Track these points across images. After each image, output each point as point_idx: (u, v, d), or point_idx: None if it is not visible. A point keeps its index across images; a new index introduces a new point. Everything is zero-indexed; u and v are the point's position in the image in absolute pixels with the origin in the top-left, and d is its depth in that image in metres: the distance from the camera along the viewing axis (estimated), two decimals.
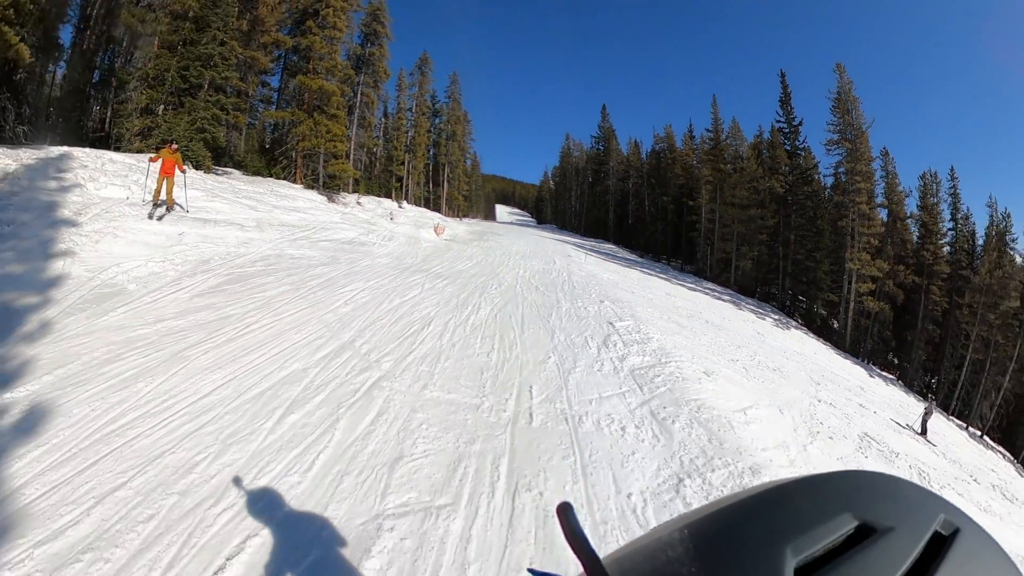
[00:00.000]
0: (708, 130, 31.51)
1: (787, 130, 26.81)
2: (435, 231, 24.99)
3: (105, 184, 9.84)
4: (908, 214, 26.76)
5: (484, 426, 4.13)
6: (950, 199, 28.55)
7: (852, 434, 8.05)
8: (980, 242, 28.45)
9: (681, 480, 3.61)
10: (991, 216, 28.28)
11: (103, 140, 15.46)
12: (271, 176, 20.06)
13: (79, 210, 8.18)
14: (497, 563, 2.60)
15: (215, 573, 2.26)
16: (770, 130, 27.88)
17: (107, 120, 16.76)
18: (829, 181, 26.09)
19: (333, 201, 21.95)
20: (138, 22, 15.76)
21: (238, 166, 18.62)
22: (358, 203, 25.86)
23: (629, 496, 3.38)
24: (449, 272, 12.10)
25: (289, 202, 16.64)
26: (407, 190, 38.28)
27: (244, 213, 12.29)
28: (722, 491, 3.51)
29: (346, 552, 2.55)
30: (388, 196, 34.98)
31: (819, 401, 9.08)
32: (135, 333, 5.13)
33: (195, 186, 12.46)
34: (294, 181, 20.81)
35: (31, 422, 3.26)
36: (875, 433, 9.03)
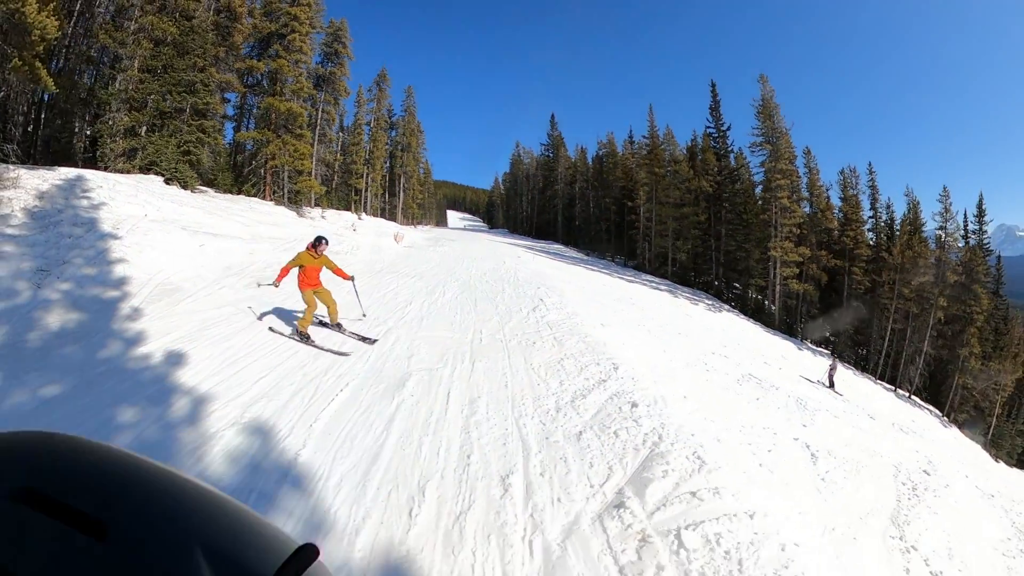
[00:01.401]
0: (645, 137, 35.93)
1: (716, 135, 31.24)
2: (395, 239, 27.88)
3: (123, 203, 12.25)
4: (827, 205, 31.47)
5: (454, 343, 7.23)
6: (869, 191, 33.51)
7: (736, 373, 11.39)
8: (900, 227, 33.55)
9: (562, 359, 6.78)
10: (908, 204, 33.49)
11: (91, 161, 16.94)
12: (242, 193, 22.45)
13: (115, 225, 10.60)
14: (465, 384, 5.66)
15: (329, 402, 5.14)
16: (703, 135, 32.35)
17: (90, 141, 18.12)
18: (759, 177, 30.47)
19: (302, 216, 24.50)
20: (118, 45, 17.21)
21: (210, 184, 20.86)
22: (322, 217, 28.43)
23: (533, 365, 6.55)
24: (415, 272, 14.89)
25: (267, 218, 19.19)
26: (366, 202, 40.91)
27: (238, 229, 14.84)
28: (595, 366, 6.59)
29: (388, 394, 5.49)
30: (348, 208, 37.54)
31: (713, 354, 12.46)
32: (209, 314, 7.81)
33: (191, 204, 15.07)
34: (263, 198, 23.28)
35: (176, 361, 5.89)
36: (762, 376, 12.41)
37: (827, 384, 17.61)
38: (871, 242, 32.50)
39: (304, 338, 6.75)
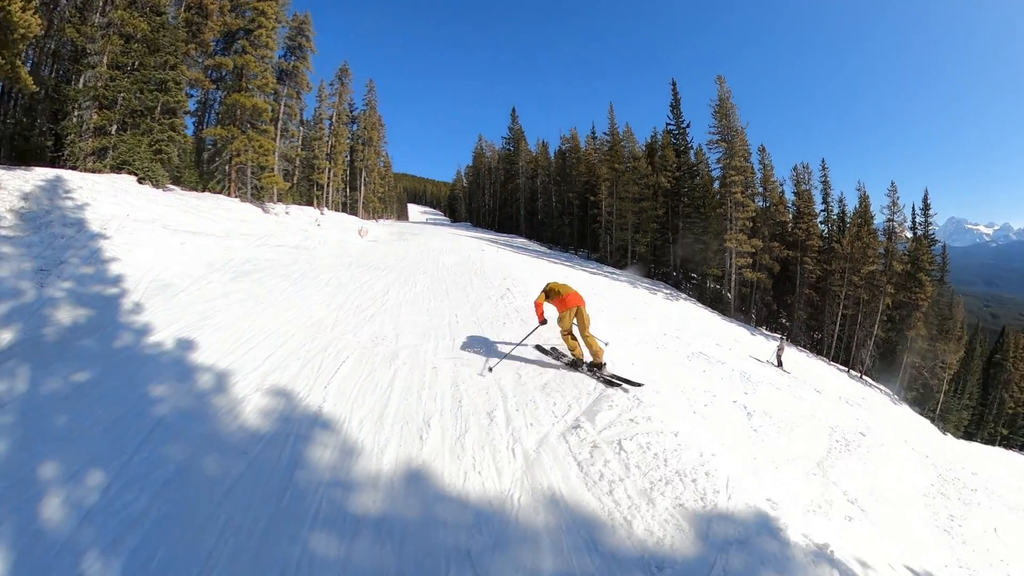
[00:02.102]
0: (606, 133, 37.74)
1: (676, 132, 33.27)
2: (360, 234, 28.70)
3: (105, 203, 12.80)
4: (780, 199, 33.91)
5: (433, 326, 8.37)
6: (822, 185, 36.18)
7: (686, 351, 12.89)
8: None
9: (526, 331, 7.98)
10: (859, 198, 36.29)
11: (57, 160, 16.66)
12: (207, 190, 22.79)
13: (103, 225, 11.24)
14: (448, 358, 6.79)
15: (336, 370, 6.22)
16: (663, 132, 34.34)
17: (54, 139, 17.34)
18: (717, 173, 32.51)
19: (267, 212, 24.94)
20: (86, 40, 17.00)
21: (176, 182, 21.16)
22: (286, 212, 28.83)
23: (504, 339, 7.76)
24: (384, 266, 15.69)
25: (235, 215, 19.72)
26: (328, 197, 41.29)
27: (212, 226, 15.47)
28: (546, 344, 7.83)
29: (385, 362, 6.59)
30: (310, 203, 37.92)
31: (666, 335, 13.97)
32: (205, 305, 8.67)
33: (165, 203, 15.65)
34: (229, 194, 23.65)
35: (187, 346, 6.74)
36: (711, 354, 13.96)
37: (776, 363, 19.42)
38: (823, 234, 35.16)
39: (577, 364, 6.54)
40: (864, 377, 33.42)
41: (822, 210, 35.65)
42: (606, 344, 6.60)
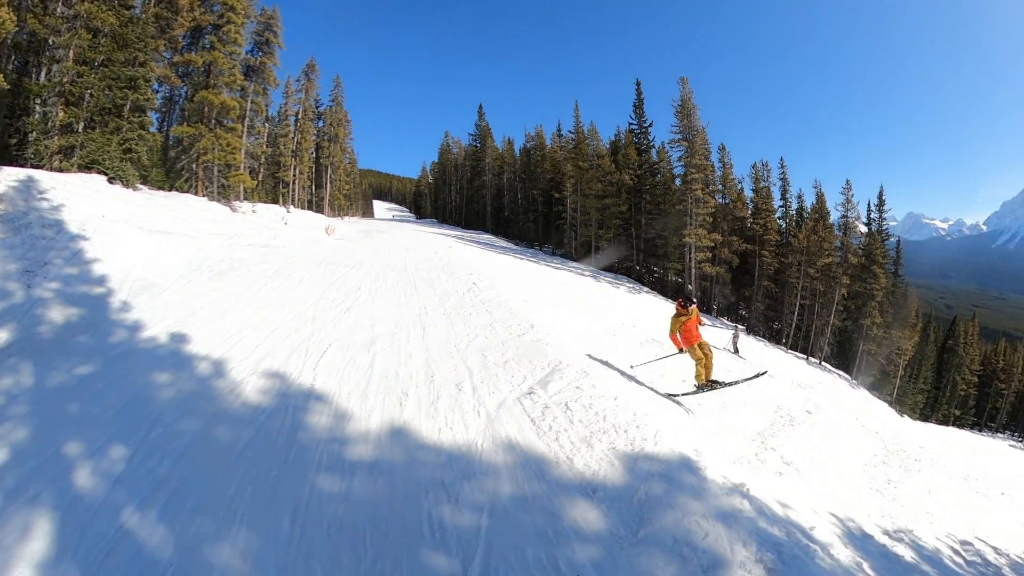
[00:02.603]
0: (571, 132, 39.06)
1: (639, 131, 34.82)
2: (327, 232, 29.14)
3: (79, 204, 13.11)
4: (738, 195, 35.80)
5: (405, 317, 9.26)
6: (780, 182, 38.25)
7: (641, 338, 14.02)
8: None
9: (492, 323, 9.00)
10: (816, 195, 38.53)
11: (19, 158, 16.12)
12: (174, 190, 22.93)
13: (81, 226, 11.64)
14: (420, 340, 7.70)
15: (321, 355, 7.05)
16: (626, 131, 35.85)
17: (13, 136, 16.74)
18: (680, 170, 34.04)
19: (235, 211, 25.18)
20: (50, 32, 16.40)
21: (143, 180, 21.18)
22: (253, 211, 29.00)
23: (473, 332, 8.66)
24: (354, 263, 16.41)
25: (205, 214, 20.08)
26: (293, 194, 41.27)
27: (184, 226, 15.91)
28: (517, 325, 8.82)
29: (364, 347, 7.45)
30: (275, 201, 37.88)
31: (623, 324, 15.14)
32: (190, 303, 9.27)
33: (137, 203, 16.02)
34: (196, 193, 23.84)
35: (181, 339, 7.37)
36: (665, 340, 15.11)
37: (732, 350, 20.81)
38: (781, 228, 37.19)
39: (714, 385, 7.66)
40: (823, 364, 35.54)
41: (780, 206, 37.78)
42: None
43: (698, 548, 3.59)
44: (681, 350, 7.81)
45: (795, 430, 11.18)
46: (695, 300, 7.91)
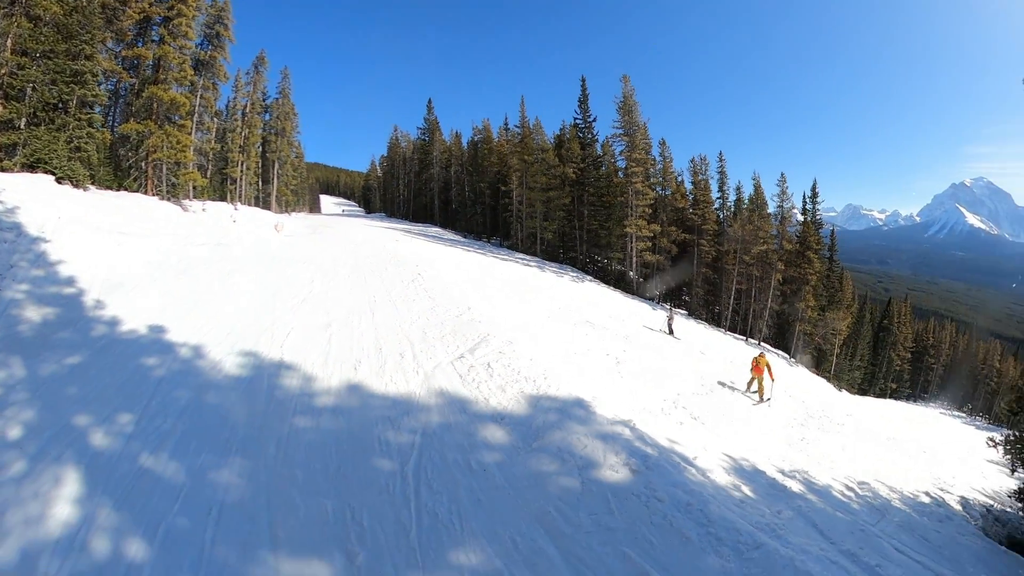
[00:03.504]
0: (517, 126, 40.53)
1: (583, 125, 36.70)
2: (275, 229, 29.68)
3: (33, 205, 13.49)
4: (677, 188, 38.37)
5: (356, 305, 10.67)
6: (719, 175, 41.03)
7: (577, 320, 15.76)
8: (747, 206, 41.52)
9: (434, 307, 10.49)
10: (754, 186, 41.50)
11: None
12: (123, 189, 23.05)
13: (40, 228, 12.22)
14: (370, 323, 9.15)
15: (286, 337, 8.37)
16: (571, 125, 37.71)
17: None
18: (622, 164, 36.12)
19: (186, 210, 25.47)
20: None
21: (91, 180, 21.22)
22: (203, 210, 29.24)
23: (416, 314, 10.15)
24: (305, 259, 17.46)
25: (157, 214, 20.59)
26: (241, 191, 41.05)
27: (139, 226, 16.56)
28: (455, 308, 10.32)
29: (321, 329, 8.81)
30: (223, 199, 37.68)
31: (560, 309, 16.88)
32: (159, 300, 10.26)
33: (89, 204, 16.56)
34: (146, 192, 24.07)
35: (159, 330, 8.51)
36: (599, 323, 16.93)
37: (667, 331, 22.80)
38: (719, 218, 39.97)
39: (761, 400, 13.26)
40: (761, 344, 38.41)
41: (719, 197, 40.54)
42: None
43: (576, 455, 5.20)
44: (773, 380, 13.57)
45: (713, 396, 12.80)
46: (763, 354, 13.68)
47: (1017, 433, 11.15)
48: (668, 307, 25.94)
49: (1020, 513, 10.89)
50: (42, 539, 3.77)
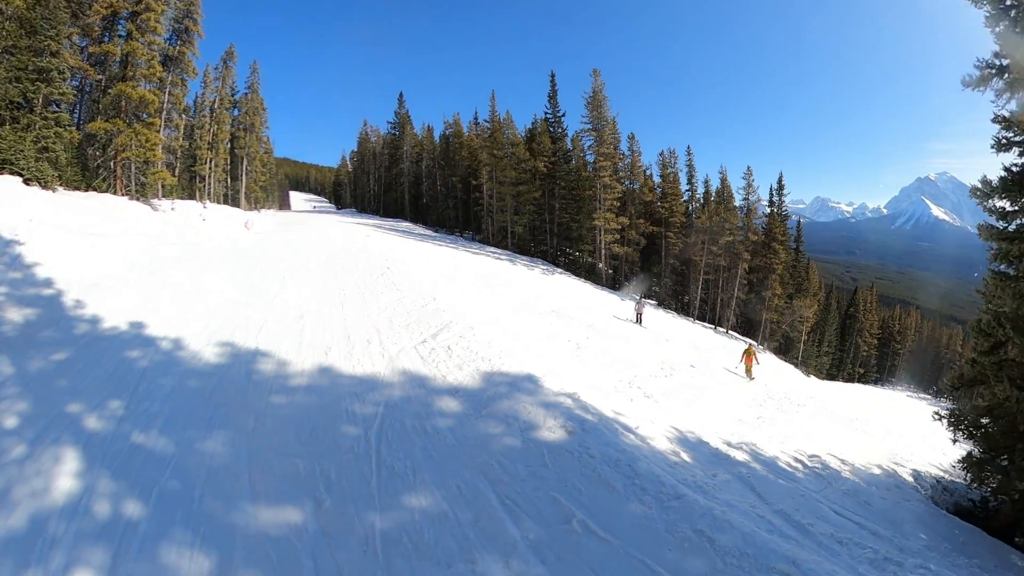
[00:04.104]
0: (487, 120, 41.40)
1: (553, 120, 37.66)
2: (246, 227, 29.91)
3: (2, 209, 14.00)
4: (645, 181, 39.59)
5: (327, 297, 11.35)
6: (687, 169, 42.37)
7: (544, 310, 16.59)
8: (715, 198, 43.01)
9: (401, 298, 11.24)
10: (721, 180, 42.97)
11: None
12: (92, 189, 23.02)
13: (13, 231, 12.57)
14: (340, 313, 9.86)
15: (261, 328, 9.02)
16: (542, 120, 38.60)
17: None
18: (591, 158, 37.11)
19: (155, 210, 25.58)
20: None
21: (59, 180, 21.09)
22: (172, 209, 29.29)
23: (384, 306, 10.88)
24: (276, 256, 17.97)
25: (127, 214, 20.83)
26: (210, 188, 40.81)
27: (110, 226, 16.88)
28: (421, 299, 11.06)
29: (294, 320, 9.48)
30: (192, 197, 37.44)
31: (527, 299, 17.73)
32: (137, 298, 10.64)
33: (59, 205, 16.82)
34: (116, 192, 24.11)
35: (140, 325, 8.96)
36: (563, 312, 17.79)
37: (636, 321, 23.87)
38: (688, 211, 41.36)
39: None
40: (729, 332, 39.87)
41: (687, 190, 41.93)
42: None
43: (520, 419, 6.02)
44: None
45: (672, 378, 13.47)
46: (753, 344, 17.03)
47: (958, 407, 11.66)
48: (638, 298, 26.96)
49: (965, 480, 11.34)
50: (48, 507, 4.31)
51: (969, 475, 10.87)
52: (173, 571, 3.67)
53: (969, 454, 10.80)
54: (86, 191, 22.30)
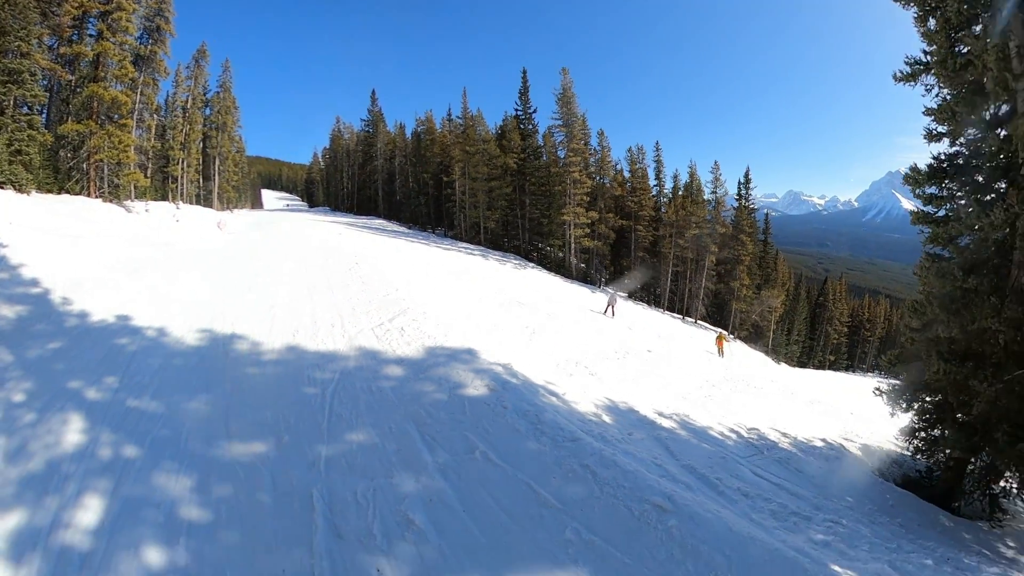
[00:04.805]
0: (459, 117, 42.76)
1: (524, 116, 39.17)
2: (219, 227, 30.72)
3: None
4: (614, 176, 41.34)
5: (297, 291, 12.55)
6: (655, 164, 44.21)
7: (503, 301, 17.97)
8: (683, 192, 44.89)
9: (366, 290, 12.52)
10: (691, 174, 44.81)
11: None
12: (65, 191, 23.75)
13: None
14: (309, 303, 11.15)
15: (236, 318, 10.27)
16: (513, 116, 40.12)
17: None
18: (562, 154, 38.65)
19: (129, 211, 26.42)
20: None
21: (34, 183, 21.62)
22: (146, 210, 30.04)
23: (349, 296, 12.17)
24: (249, 255, 18.99)
25: (102, 216, 21.80)
26: (183, 189, 41.23)
27: (87, 228, 17.90)
28: (383, 289, 12.37)
29: (266, 311, 10.73)
30: (164, 198, 37.88)
31: (494, 292, 19.10)
32: (120, 296, 11.77)
33: (35, 208, 17.77)
34: (89, 195, 24.87)
35: (126, 318, 10.14)
36: (526, 303, 19.17)
37: (606, 312, 25.30)
38: (656, 205, 43.21)
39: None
40: (698, 323, 41.74)
41: (655, 184, 43.80)
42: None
43: (451, 381, 7.37)
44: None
45: (624, 361, 14.48)
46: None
47: (897, 382, 12.35)
48: (610, 290, 28.46)
49: (907, 451, 11.91)
50: (60, 454, 5.47)
51: (911, 447, 11.61)
52: (162, 490, 4.88)
53: (908, 426, 11.53)
54: (59, 194, 22.94)
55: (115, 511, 4.50)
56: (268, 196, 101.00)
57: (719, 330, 40.77)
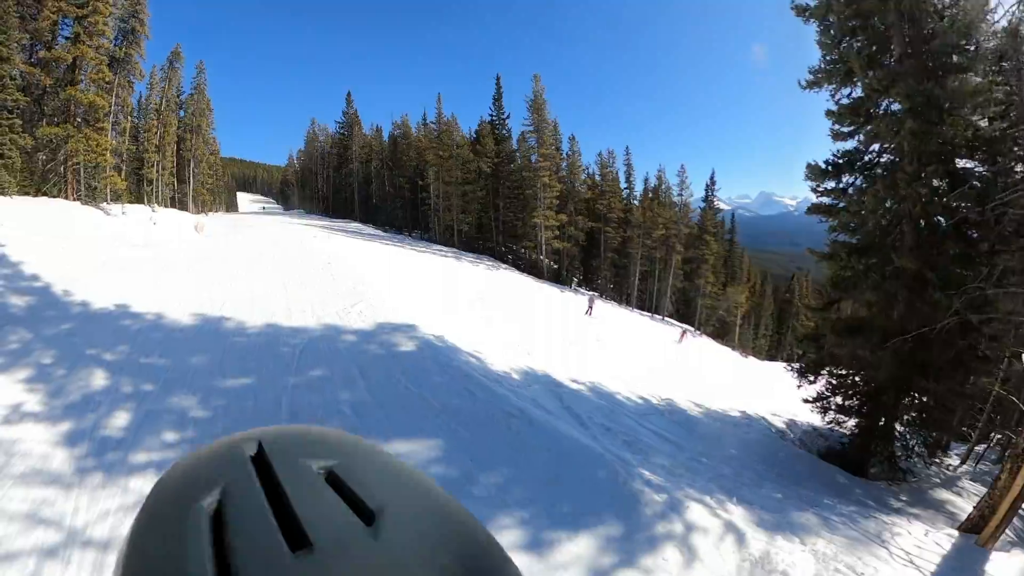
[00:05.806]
0: (434, 122, 45.18)
1: (498, 122, 41.69)
2: (196, 230, 32.07)
3: None
4: (584, 180, 44.10)
5: (273, 287, 14.80)
6: (625, 168, 47.08)
7: (466, 298, 20.30)
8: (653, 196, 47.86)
9: (336, 285, 14.83)
10: (659, 177, 47.77)
11: None
12: (43, 194, 25.06)
13: None
14: (284, 298, 13.42)
15: (223, 305, 12.49)
16: (487, 121, 42.59)
17: None
18: (535, 158, 41.20)
19: (108, 214, 28.01)
20: None
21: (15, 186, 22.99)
22: (124, 213, 31.54)
23: (319, 289, 14.50)
24: (228, 256, 20.62)
25: (84, 219, 23.57)
26: (158, 192, 42.19)
27: (72, 231, 19.76)
28: (352, 284, 14.67)
29: (247, 302, 12.96)
30: (140, 201, 38.93)
31: (461, 289, 21.43)
32: (114, 290, 13.97)
33: (22, 211, 19.65)
34: (68, 198, 26.49)
35: (127, 305, 12.34)
36: (490, 298, 21.54)
37: (587, 312, 27.43)
38: (626, 207, 46.04)
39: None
40: (666, 319, 44.44)
41: (625, 187, 46.72)
42: None
43: (390, 344, 9.80)
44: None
45: (570, 348, 16.60)
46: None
47: (804, 359, 14.47)
48: (585, 292, 30.90)
49: (817, 419, 13.49)
50: (91, 391, 7.60)
51: (824, 420, 13.14)
52: (177, 408, 7.17)
53: (815, 396, 13.29)
54: (36, 196, 24.04)
55: (140, 418, 6.77)
56: (243, 199, 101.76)
57: (683, 327, 43.54)
